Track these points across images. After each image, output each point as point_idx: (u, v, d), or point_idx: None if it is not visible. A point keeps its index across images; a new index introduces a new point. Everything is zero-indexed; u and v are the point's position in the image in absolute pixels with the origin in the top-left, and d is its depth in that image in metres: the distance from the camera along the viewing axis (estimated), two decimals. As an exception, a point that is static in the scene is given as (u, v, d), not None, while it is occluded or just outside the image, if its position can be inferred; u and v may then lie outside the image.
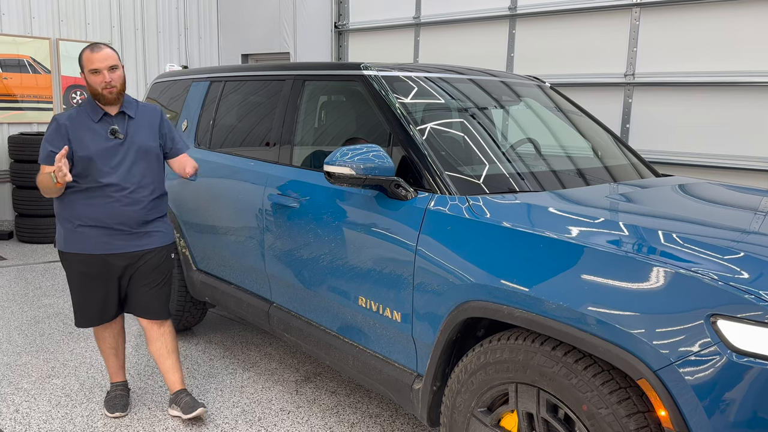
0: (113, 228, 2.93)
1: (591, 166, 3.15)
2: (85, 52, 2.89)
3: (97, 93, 2.88)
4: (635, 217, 2.27)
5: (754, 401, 1.60)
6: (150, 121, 3.05)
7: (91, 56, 2.86)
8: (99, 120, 2.92)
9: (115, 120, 2.95)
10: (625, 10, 5.27)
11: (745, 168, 4.78)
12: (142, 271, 3.05)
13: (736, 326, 1.62)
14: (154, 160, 3.02)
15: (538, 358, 1.99)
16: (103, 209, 2.90)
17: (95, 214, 2.90)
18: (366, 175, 2.47)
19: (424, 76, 3.09)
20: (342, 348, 2.86)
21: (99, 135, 2.90)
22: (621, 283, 1.82)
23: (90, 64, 2.85)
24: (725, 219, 2.33)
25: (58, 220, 3.01)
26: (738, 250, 1.85)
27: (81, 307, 3.10)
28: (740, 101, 4.78)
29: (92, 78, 2.87)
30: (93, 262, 2.97)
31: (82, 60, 2.89)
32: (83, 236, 2.93)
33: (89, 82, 2.89)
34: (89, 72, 2.87)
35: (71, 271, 3.03)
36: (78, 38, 7.51)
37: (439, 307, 2.30)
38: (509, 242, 2.13)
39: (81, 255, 2.96)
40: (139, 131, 2.99)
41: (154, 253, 3.06)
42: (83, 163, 2.87)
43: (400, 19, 6.84)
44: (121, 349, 3.28)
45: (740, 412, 1.61)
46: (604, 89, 5.45)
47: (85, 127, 2.90)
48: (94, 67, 2.85)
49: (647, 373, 1.71)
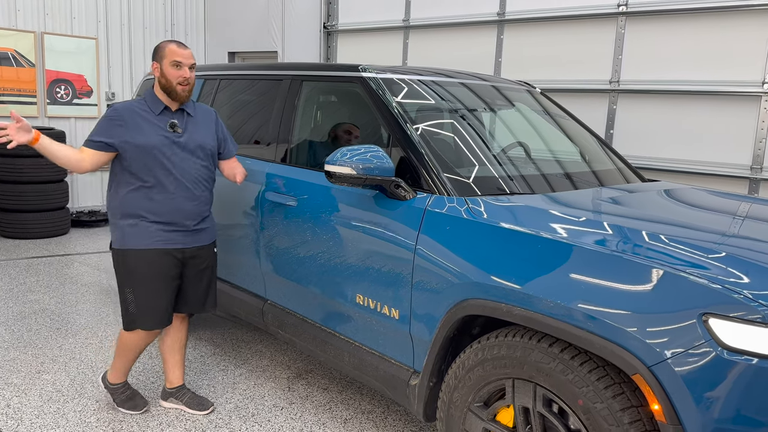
0: (173, 223, 2.92)
1: (582, 170, 3.24)
2: (170, 44, 2.92)
3: (170, 86, 2.89)
4: (628, 220, 2.36)
5: (742, 395, 1.69)
6: (206, 121, 3.08)
7: (177, 50, 2.91)
8: (159, 113, 2.93)
9: (175, 116, 2.96)
10: (610, 18, 5.40)
11: (723, 174, 4.93)
12: (199, 266, 3.06)
13: (727, 324, 1.71)
14: (209, 158, 3.04)
15: (535, 355, 2.06)
16: (163, 204, 2.88)
17: (155, 209, 2.88)
18: (366, 175, 2.52)
19: (420, 79, 3.16)
20: (338, 345, 2.91)
21: (158, 127, 2.90)
22: (616, 283, 1.90)
23: (174, 56, 2.89)
24: (713, 223, 2.44)
25: (116, 218, 2.93)
26: (727, 253, 1.94)
27: (149, 308, 2.94)
28: (721, 110, 4.93)
29: (171, 70, 2.88)
30: (158, 257, 2.90)
31: (164, 51, 2.91)
32: (146, 231, 2.88)
33: (166, 73, 2.88)
34: (171, 63, 2.88)
35: (135, 269, 2.90)
36: (63, 32, 7.44)
37: (438, 305, 2.37)
38: (508, 242, 2.20)
39: (146, 251, 2.88)
40: (198, 129, 3.01)
41: (206, 249, 3.09)
42: (141, 154, 2.85)
43: (389, 22, 6.90)
44: None
45: (729, 405, 1.70)
46: (589, 95, 5.58)
47: (143, 118, 2.89)
48: (178, 59, 2.89)
49: (641, 368, 1.79)
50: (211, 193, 3.09)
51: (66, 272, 5.62)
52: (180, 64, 2.89)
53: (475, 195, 2.52)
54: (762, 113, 4.72)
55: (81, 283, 5.29)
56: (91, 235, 7.16)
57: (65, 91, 7.51)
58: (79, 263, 5.94)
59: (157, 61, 2.92)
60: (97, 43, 7.75)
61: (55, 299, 4.86)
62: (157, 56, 2.93)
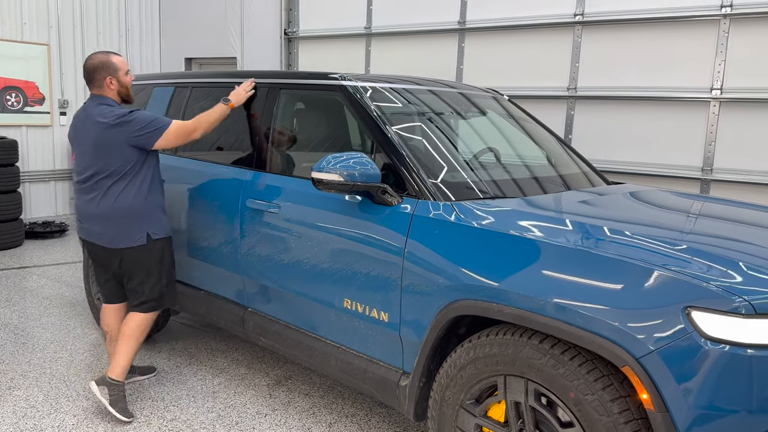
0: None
1: (556, 174, 3.37)
2: (112, 56, 3.19)
3: (128, 93, 3.24)
4: (608, 221, 2.50)
5: (723, 381, 1.82)
6: None
7: (122, 60, 3.22)
8: None
9: None
10: (568, 27, 5.62)
11: (676, 176, 5.19)
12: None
13: (708, 316, 1.84)
14: None
15: (526, 351, 2.16)
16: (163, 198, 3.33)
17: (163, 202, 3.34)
18: (354, 181, 2.58)
19: (400, 87, 3.23)
20: (324, 350, 2.95)
21: None
22: (604, 282, 2.02)
23: (124, 66, 3.21)
24: (687, 223, 2.60)
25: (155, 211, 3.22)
26: (705, 250, 2.09)
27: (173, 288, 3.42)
28: (672, 114, 5.20)
29: (126, 79, 3.21)
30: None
31: (117, 64, 3.17)
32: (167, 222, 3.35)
33: (125, 83, 3.20)
34: (125, 73, 3.20)
35: (170, 253, 3.34)
36: (13, 38, 7.21)
37: (429, 307, 2.44)
38: (497, 245, 2.29)
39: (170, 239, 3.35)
40: None
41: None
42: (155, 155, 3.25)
43: (351, 29, 6.97)
44: None
45: (712, 391, 1.83)
46: (548, 101, 5.78)
47: None
48: (127, 68, 3.22)
49: (630, 360, 1.91)
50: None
51: (25, 285, 5.45)
52: (128, 71, 3.24)
53: (460, 199, 2.61)
54: (711, 117, 5.00)
55: (42, 296, 5.14)
56: (46, 246, 6.94)
57: (16, 99, 7.28)
58: (38, 276, 5.76)
59: (111, 75, 3.15)
60: (49, 49, 7.54)
61: (17, 313, 4.72)
62: (110, 70, 3.15)
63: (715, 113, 4.99)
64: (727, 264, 2.00)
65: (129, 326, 3.27)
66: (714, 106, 4.98)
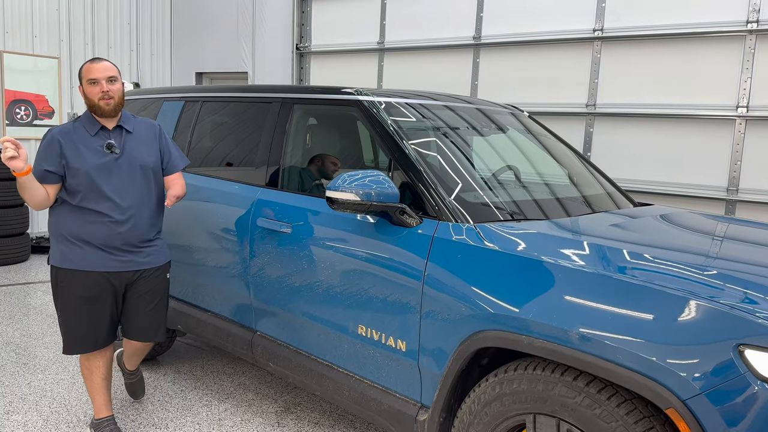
0: (110, 247, 2.82)
1: (578, 194, 3.22)
2: (85, 64, 2.85)
3: (93, 104, 2.80)
4: (646, 248, 2.31)
5: (781, 428, 1.65)
6: (148, 136, 2.96)
7: (90, 66, 2.82)
8: (95, 134, 2.83)
9: (113, 135, 2.86)
10: (586, 43, 5.48)
11: (700, 196, 5.02)
12: (141, 290, 2.94)
13: (763, 355, 1.67)
14: (152, 176, 2.92)
15: (558, 389, 1.99)
16: (99, 228, 2.78)
17: (92, 233, 2.78)
18: (370, 201, 2.43)
19: (418, 102, 3.10)
20: (336, 378, 2.79)
21: (94, 149, 2.80)
22: (646, 314, 1.85)
23: (89, 74, 2.80)
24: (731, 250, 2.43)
25: (53, 236, 2.86)
26: (753, 281, 1.92)
27: (74, 330, 2.88)
28: (696, 133, 5.03)
29: (90, 88, 2.80)
30: (90, 280, 2.81)
31: (82, 71, 2.84)
32: (81, 252, 2.80)
33: (86, 93, 2.81)
34: (87, 82, 2.80)
35: (66, 289, 2.83)
36: (24, 51, 7.16)
37: (450, 337, 2.28)
38: (527, 271, 2.13)
39: (78, 272, 2.80)
40: (138, 147, 2.90)
41: (152, 272, 2.96)
42: (78, 176, 2.76)
43: (364, 44, 6.87)
44: (109, 379, 3.08)
45: (768, 439, 1.65)
46: (566, 118, 5.63)
47: (80, 141, 2.80)
48: (92, 77, 2.79)
49: (676, 402, 1.74)
50: (159, 212, 3.01)
51: (29, 302, 5.32)
52: (95, 80, 2.79)
53: (482, 221, 2.45)
54: (736, 136, 4.84)
55: (46, 314, 5.01)
56: (52, 261, 6.82)
57: (25, 112, 7.22)
58: (42, 292, 5.64)
59: (80, 84, 2.86)
60: (60, 62, 7.49)
61: (20, 331, 4.58)
62: (79, 79, 2.87)
63: (740, 132, 4.82)
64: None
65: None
66: (740, 125, 4.82)
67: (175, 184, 2.99)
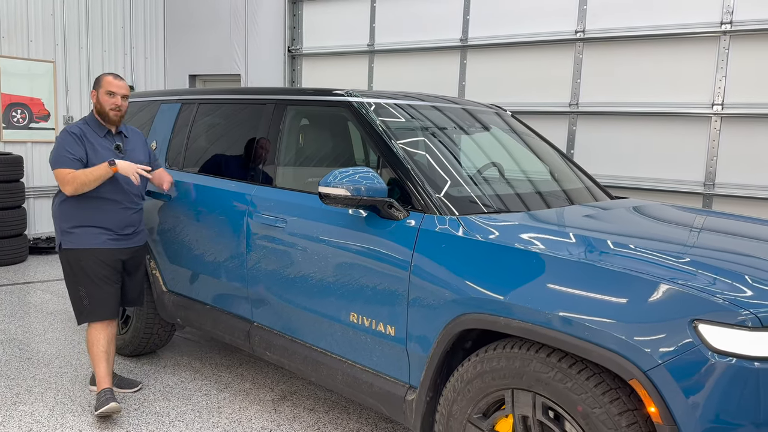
0: (119, 228, 3.39)
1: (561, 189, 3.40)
2: (107, 76, 3.41)
3: (104, 112, 3.35)
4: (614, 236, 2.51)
5: (730, 394, 1.83)
6: (139, 142, 3.59)
7: (112, 81, 3.38)
8: (104, 135, 3.40)
9: (115, 138, 3.45)
10: (569, 44, 5.67)
11: (678, 191, 5.22)
12: (134, 264, 3.57)
13: (715, 329, 1.85)
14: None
15: (534, 365, 2.17)
16: (114, 214, 3.36)
17: (106, 218, 3.34)
18: (360, 196, 2.60)
19: (405, 103, 3.27)
20: (330, 364, 2.96)
21: (107, 148, 3.38)
22: (611, 295, 2.03)
23: (109, 86, 3.36)
24: (691, 236, 2.61)
25: (65, 224, 3.31)
26: (710, 264, 2.11)
27: (98, 299, 3.35)
28: (674, 130, 5.23)
29: (105, 98, 3.35)
30: (106, 255, 3.35)
31: (102, 81, 3.38)
32: (98, 233, 3.33)
33: (100, 100, 3.35)
34: (105, 92, 3.35)
35: (87, 265, 3.31)
36: (20, 55, 7.28)
37: (435, 321, 2.45)
38: (504, 258, 2.31)
39: (97, 250, 3.32)
40: (135, 149, 3.51)
41: (140, 250, 3.60)
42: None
43: (354, 46, 7.04)
44: (113, 353, 3.50)
45: (720, 404, 1.83)
46: (550, 117, 5.82)
47: (95, 140, 3.34)
48: (112, 89, 3.35)
49: (638, 373, 1.92)
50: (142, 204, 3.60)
51: (29, 300, 5.46)
52: (113, 93, 3.35)
53: (465, 213, 2.63)
54: (712, 133, 5.04)
55: (46, 312, 5.15)
56: (50, 261, 6.96)
57: (22, 115, 7.33)
58: (42, 291, 5.78)
59: (95, 90, 3.38)
60: (55, 66, 7.61)
61: (22, 328, 4.72)
62: (97, 86, 3.38)
63: (716, 128, 5.02)
64: (732, 277, 2.02)
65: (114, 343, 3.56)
66: (715, 122, 5.02)
67: (165, 175, 3.66)
